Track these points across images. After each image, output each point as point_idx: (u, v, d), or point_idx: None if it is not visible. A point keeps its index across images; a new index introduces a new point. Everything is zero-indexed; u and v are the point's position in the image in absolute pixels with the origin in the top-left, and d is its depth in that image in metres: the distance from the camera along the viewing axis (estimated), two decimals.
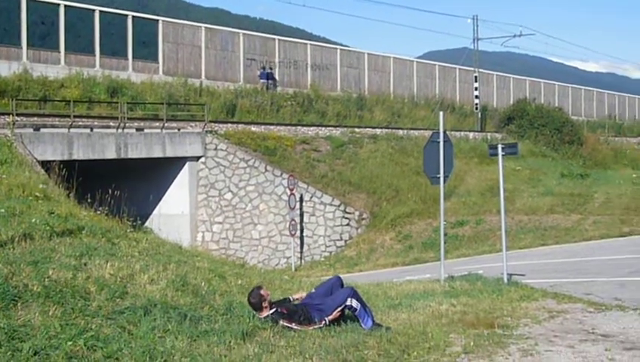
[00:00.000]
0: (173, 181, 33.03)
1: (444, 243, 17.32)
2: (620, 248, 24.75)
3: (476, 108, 55.58)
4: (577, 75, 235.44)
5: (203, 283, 11.07)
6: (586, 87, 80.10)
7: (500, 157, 16.29)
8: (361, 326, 9.67)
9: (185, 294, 10.11)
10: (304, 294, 10.60)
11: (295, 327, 9.38)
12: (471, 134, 50.22)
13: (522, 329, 10.43)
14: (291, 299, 10.28)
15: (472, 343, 9.29)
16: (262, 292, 9.63)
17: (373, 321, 9.84)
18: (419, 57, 75.21)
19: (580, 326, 10.73)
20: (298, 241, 32.84)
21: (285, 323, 9.39)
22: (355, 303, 9.74)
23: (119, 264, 10.75)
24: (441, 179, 16.37)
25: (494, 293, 13.57)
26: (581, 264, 21.40)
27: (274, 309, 9.55)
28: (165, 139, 31.72)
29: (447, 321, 10.74)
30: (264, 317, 9.45)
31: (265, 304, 9.55)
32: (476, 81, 55.88)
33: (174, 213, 32.63)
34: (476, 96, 55.62)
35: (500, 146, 16.46)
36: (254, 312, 9.55)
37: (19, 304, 8.17)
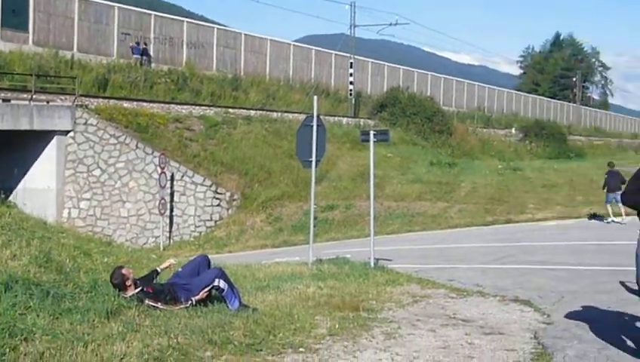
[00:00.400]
0: (40, 155, 32.05)
1: (314, 226, 17.45)
2: (484, 236, 25.49)
3: (350, 94, 56.06)
4: (449, 65, 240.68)
5: (67, 260, 10.81)
6: (458, 78, 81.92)
7: (371, 143, 16.50)
8: (227, 307, 9.63)
9: (48, 271, 9.85)
10: (173, 261, 10.50)
11: (161, 307, 9.27)
12: (344, 120, 50.66)
13: (386, 313, 10.61)
14: (158, 270, 10.14)
15: (337, 325, 9.40)
16: (124, 271, 9.47)
17: (240, 302, 9.82)
18: (296, 41, 75.21)
19: (442, 311, 10.99)
20: (167, 221, 32.49)
21: (151, 303, 9.28)
22: (222, 284, 9.69)
23: None
24: (313, 163, 16.47)
25: (361, 277, 13.74)
26: (446, 251, 21.93)
27: (139, 288, 9.41)
28: (33, 111, 30.75)
29: (314, 304, 10.82)
30: (129, 297, 9.31)
31: (128, 283, 9.39)
32: (351, 67, 56.36)
33: (40, 187, 31.71)
34: (351, 82, 56.10)
35: (371, 133, 16.67)
36: (119, 292, 9.39)
37: None
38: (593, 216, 28.94)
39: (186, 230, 33.15)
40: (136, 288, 9.40)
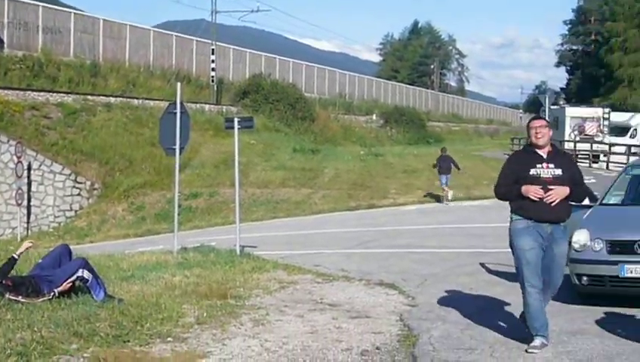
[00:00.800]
0: None
1: (178, 214, 17.28)
2: (347, 221, 25.83)
3: (212, 81, 55.65)
4: (311, 53, 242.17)
5: None
6: (319, 65, 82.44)
7: (235, 130, 16.44)
8: (92, 298, 9.41)
9: None
10: (29, 244, 10.15)
11: (22, 300, 8.97)
12: (207, 107, 50.26)
13: (254, 300, 10.62)
14: (16, 257, 9.74)
15: (205, 314, 9.35)
16: None
17: (106, 293, 9.61)
18: (156, 26, 74.09)
19: (309, 296, 11.09)
20: (25, 211, 31.51)
21: (12, 296, 8.96)
22: (86, 274, 9.46)
23: None
24: (177, 151, 16.27)
25: (227, 265, 13.70)
26: (310, 236, 22.13)
27: None
28: None
29: (181, 292, 10.71)
30: None
31: None
32: (213, 54, 55.93)
33: None
34: (213, 69, 55.68)
35: (236, 120, 16.62)
36: None
37: None
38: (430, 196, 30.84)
39: (45, 220, 32.26)
40: None
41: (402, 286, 11.98)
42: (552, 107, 48.88)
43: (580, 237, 10.27)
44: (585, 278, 10.19)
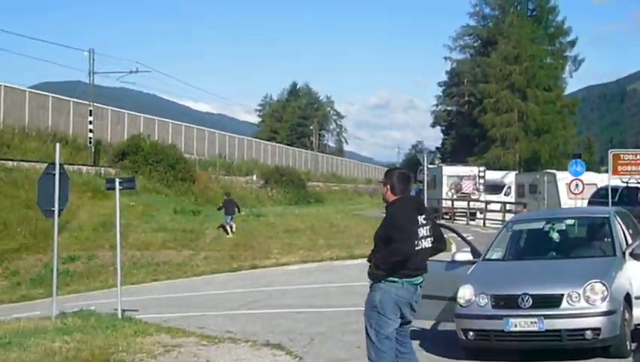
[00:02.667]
0: None
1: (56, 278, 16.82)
2: (230, 282, 25.67)
3: (90, 143, 54.76)
4: (190, 114, 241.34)
5: None
6: (199, 126, 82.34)
7: (117, 191, 16.19)
8: None
9: None
10: None
11: None
12: (84, 168, 49.35)
13: None
14: None
15: None
16: None
17: None
18: (32, 87, 72.72)
19: (195, 359, 10.94)
20: None
21: None
22: None
23: None
24: (56, 213, 15.92)
25: (108, 329, 13.38)
26: (193, 298, 21.87)
27: None
28: None
29: (62, 359, 10.41)
30: None
31: None
32: (90, 115, 55.12)
33: None
34: (90, 130, 54.83)
35: (117, 180, 16.38)
36: None
37: None
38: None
39: None
40: None
41: (289, 346, 11.93)
42: (430, 166, 50.00)
43: (465, 293, 10.46)
44: (471, 333, 10.36)
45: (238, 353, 11.45)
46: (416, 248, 7.39)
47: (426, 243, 7.54)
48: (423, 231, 7.50)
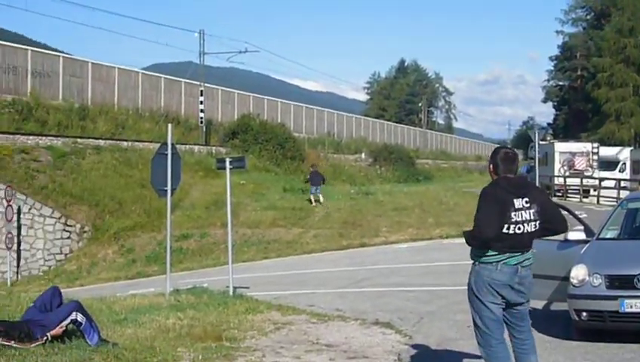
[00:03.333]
0: None
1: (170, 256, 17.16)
2: (339, 260, 25.72)
3: (201, 122, 55.73)
4: (298, 92, 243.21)
5: None
6: (307, 105, 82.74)
7: (227, 170, 16.38)
8: (86, 342, 9.27)
9: None
10: None
11: (15, 345, 8.82)
12: (196, 148, 50.25)
13: (249, 342, 10.51)
14: None
15: (200, 356, 9.23)
16: None
17: (100, 337, 9.46)
18: (145, 69, 74.29)
19: (305, 337, 10.97)
20: (15, 255, 31.27)
21: (4, 342, 8.82)
22: (80, 317, 9.32)
23: None
24: (169, 192, 16.21)
25: (220, 306, 13.58)
26: (303, 276, 22.00)
27: None
28: None
29: (175, 335, 10.59)
30: None
31: None
32: (201, 95, 56.06)
33: None
34: (201, 110, 55.78)
35: (227, 160, 16.56)
36: None
37: None
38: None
39: (35, 264, 32.02)
40: None
41: (398, 325, 11.88)
42: (541, 142, 48.99)
43: (579, 273, 10.21)
44: (584, 314, 10.12)
45: (348, 331, 11.46)
46: (509, 232, 7.04)
47: (528, 227, 7.04)
48: (523, 215, 7.07)
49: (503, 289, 7.11)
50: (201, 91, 56.15)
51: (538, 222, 7.12)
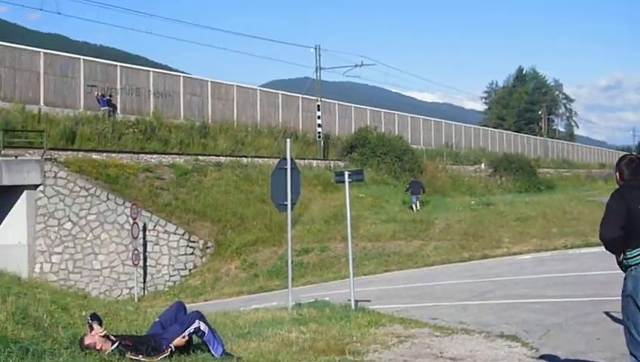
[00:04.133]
0: (9, 210, 31.73)
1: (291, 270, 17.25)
2: (461, 273, 25.36)
3: (319, 137, 56.13)
4: (415, 104, 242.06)
5: (45, 316, 10.52)
6: (424, 117, 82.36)
7: (346, 184, 16.39)
8: (211, 353, 9.38)
9: (26, 327, 9.55)
10: None
11: (143, 359, 8.99)
12: (314, 162, 50.64)
13: (372, 355, 10.45)
14: None
15: None
16: (86, 343, 9.07)
17: (224, 349, 9.56)
18: (262, 86, 75.40)
19: (429, 351, 10.84)
20: (141, 271, 32.10)
21: (132, 356, 9.00)
22: (202, 326, 9.43)
23: None
24: (289, 207, 16.31)
25: (343, 320, 13.56)
26: (425, 289, 21.79)
27: (116, 343, 9.12)
28: (2, 166, 30.45)
29: (298, 349, 10.62)
30: (109, 352, 9.00)
31: (99, 346, 9.02)
32: (319, 110, 56.47)
33: (10, 243, 31.33)
34: (319, 125, 56.19)
35: (346, 173, 16.56)
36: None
37: None
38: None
39: (161, 280, 32.78)
40: (112, 344, 9.10)
41: (524, 337, 11.60)
42: None
43: None
44: None
45: (472, 344, 11.26)
46: None
47: None
48: None
49: None
50: (318, 106, 56.56)
51: None
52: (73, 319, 11.27)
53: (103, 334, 9.04)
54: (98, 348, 8.96)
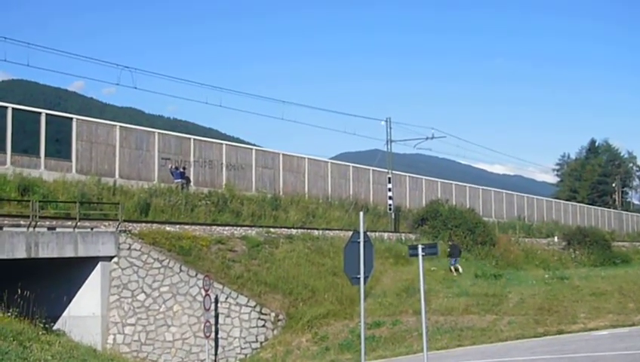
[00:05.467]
0: (84, 281, 32.20)
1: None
2: (535, 348, 24.91)
3: (390, 209, 56.09)
4: (486, 176, 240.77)
5: None
6: (496, 189, 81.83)
7: (420, 257, 16.33)
8: None
9: None
10: None
11: None
12: (385, 235, 50.53)
13: None
14: None
15: None
16: None
17: None
18: (333, 158, 75.98)
19: None
20: (213, 343, 32.15)
21: None
22: None
23: None
24: (362, 280, 16.29)
25: None
26: None
27: None
28: (77, 238, 31.05)
29: None
30: None
31: None
32: (389, 182, 56.55)
33: (85, 314, 31.71)
34: (390, 197, 56.19)
35: (420, 246, 16.52)
36: None
37: None
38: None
39: (232, 352, 32.77)
40: None
41: None
42: None
43: None
44: None
45: None
46: None
47: None
48: None
49: None
50: (389, 178, 56.66)
51: None
52: None
53: None
54: None
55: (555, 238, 71.89)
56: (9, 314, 16.41)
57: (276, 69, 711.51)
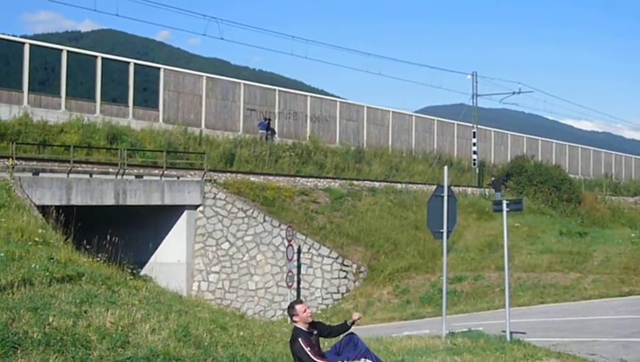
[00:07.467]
0: (170, 229, 32.84)
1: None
2: (620, 308, 24.49)
3: (474, 164, 55.57)
4: (572, 133, 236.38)
5: (205, 334, 10.83)
6: (583, 146, 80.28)
7: (504, 213, 16.17)
8: None
9: (187, 345, 9.88)
10: (358, 316, 10.51)
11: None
12: (469, 189, 50.15)
13: None
14: (348, 324, 10.68)
15: None
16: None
17: None
18: (417, 112, 75.46)
19: None
20: (295, 293, 32.51)
21: (303, 345, 9.45)
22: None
23: (120, 312, 10.54)
24: (444, 234, 16.23)
25: (497, 351, 13.36)
26: (582, 323, 21.14)
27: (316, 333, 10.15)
28: (164, 186, 31.61)
29: None
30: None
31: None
32: (474, 137, 55.92)
33: (171, 261, 32.36)
34: (474, 152, 55.63)
35: (504, 202, 16.34)
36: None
37: (19, 351, 7.97)
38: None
39: (313, 302, 33.09)
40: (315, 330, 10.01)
41: None
42: None
43: None
44: None
45: None
46: None
47: None
48: None
49: None
50: (474, 133, 56.03)
51: None
52: (232, 339, 11.56)
53: None
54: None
55: None
56: (98, 258, 16.83)
57: (362, 24, 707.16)
